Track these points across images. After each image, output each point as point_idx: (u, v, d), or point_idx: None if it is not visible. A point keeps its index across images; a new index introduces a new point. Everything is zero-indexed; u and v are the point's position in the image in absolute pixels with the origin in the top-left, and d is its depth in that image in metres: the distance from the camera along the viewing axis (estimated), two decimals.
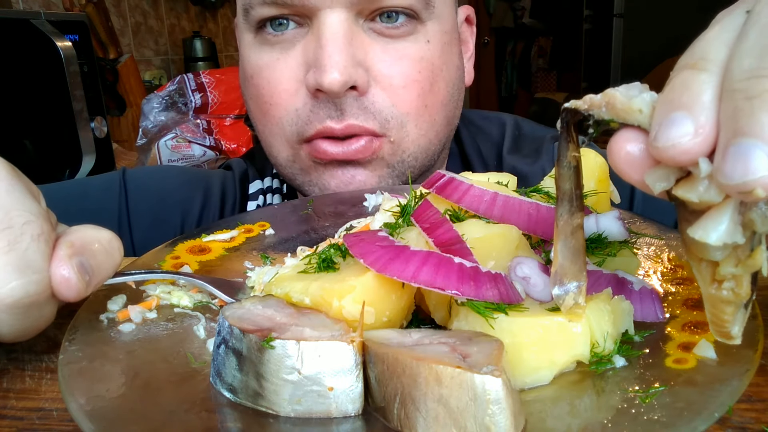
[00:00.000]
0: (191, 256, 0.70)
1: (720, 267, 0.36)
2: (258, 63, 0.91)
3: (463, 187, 0.58)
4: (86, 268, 0.50)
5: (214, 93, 3.09)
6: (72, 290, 0.48)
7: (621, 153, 0.37)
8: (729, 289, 0.37)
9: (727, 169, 0.31)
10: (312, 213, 0.81)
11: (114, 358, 0.49)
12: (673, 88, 0.35)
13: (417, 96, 0.88)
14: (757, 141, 0.30)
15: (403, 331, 0.46)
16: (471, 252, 0.50)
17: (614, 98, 0.38)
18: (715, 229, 0.34)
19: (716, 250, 0.35)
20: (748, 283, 0.37)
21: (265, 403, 0.43)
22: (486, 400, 0.37)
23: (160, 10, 3.84)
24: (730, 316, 0.39)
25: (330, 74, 0.80)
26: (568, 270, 0.44)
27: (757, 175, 0.30)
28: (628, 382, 0.43)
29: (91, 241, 0.51)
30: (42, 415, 0.48)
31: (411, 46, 0.88)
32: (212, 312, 0.59)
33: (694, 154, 0.33)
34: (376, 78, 0.86)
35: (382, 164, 0.90)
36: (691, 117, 0.33)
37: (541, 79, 7.08)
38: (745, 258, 0.35)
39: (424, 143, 0.92)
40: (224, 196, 1.11)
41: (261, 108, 0.92)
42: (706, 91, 0.33)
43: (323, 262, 0.53)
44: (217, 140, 3.02)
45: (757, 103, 0.30)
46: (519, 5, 6.94)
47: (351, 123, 0.85)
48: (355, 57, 0.84)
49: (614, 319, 0.47)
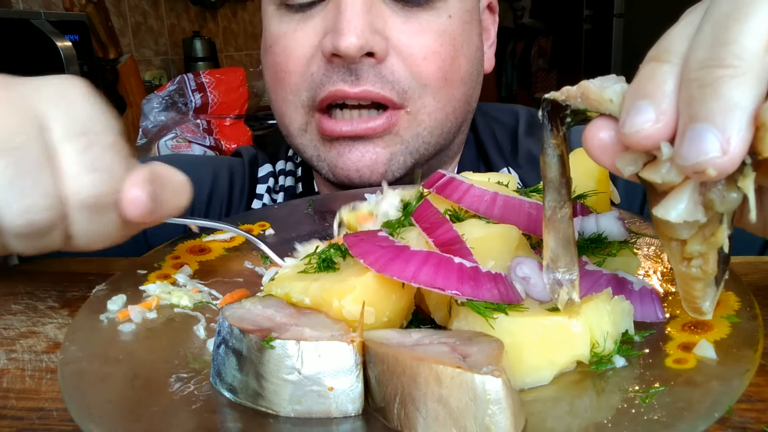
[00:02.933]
0: (191, 256, 0.70)
1: (687, 245, 0.39)
2: (277, 32, 0.91)
3: (463, 187, 0.58)
4: (155, 197, 0.53)
5: (214, 93, 3.09)
6: (138, 210, 0.52)
7: (594, 140, 0.40)
8: (697, 267, 0.40)
9: (683, 151, 0.34)
10: (312, 213, 0.81)
11: (114, 358, 0.49)
12: (640, 78, 0.37)
13: (438, 68, 0.88)
14: (708, 125, 0.33)
15: (403, 331, 0.46)
16: (471, 252, 0.50)
17: (588, 89, 0.40)
18: (675, 208, 0.37)
19: (681, 228, 0.38)
20: (714, 260, 0.39)
21: (265, 403, 0.43)
22: (486, 400, 0.37)
23: (160, 10, 3.84)
24: (700, 292, 0.41)
25: (347, 38, 0.80)
26: (559, 260, 0.45)
27: (708, 155, 0.33)
28: (628, 382, 0.42)
29: (167, 177, 0.56)
30: (42, 415, 0.48)
31: (433, 20, 0.88)
32: (212, 312, 0.59)
33: (656, 139, 0.36)
34: (396, 47, 0.86)
35: (396, 140, 0.90)
36: (654, 105, 0.36)
37: (541, 79, 7.08)
38: (710, 236, 0.38)
39: (441, 117, 0.91)
40: (232, 181, 1.12)
41: (277, 76, 0.92)
42: (667, 81, 0.36)
43: (323, 262, 0.53)
44: (217, 140, 3.02)
45: (709, 90, 0.33)
46: (519, 5, 6.94)
47: (367, 89, 0.85)
48: (374, 25, 0.84)
49: (614, 319, 0.47)
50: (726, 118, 0.33)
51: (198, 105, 3.06)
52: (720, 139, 0.33)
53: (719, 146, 0.33)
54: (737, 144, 0.33)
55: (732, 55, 0.33)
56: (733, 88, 0.33)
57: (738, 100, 0.33)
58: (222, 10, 4.21)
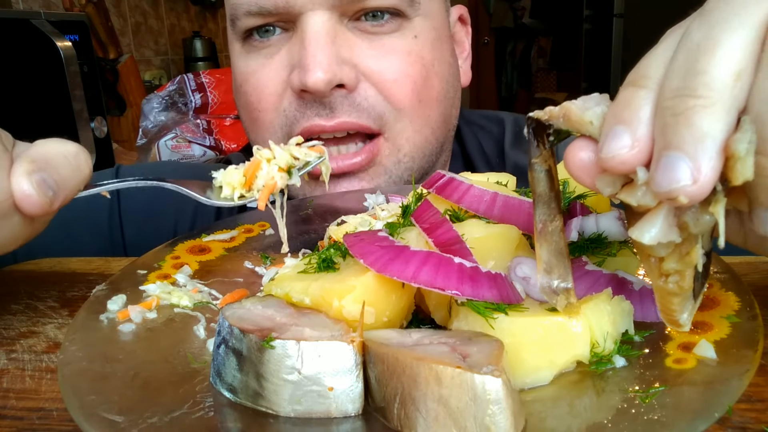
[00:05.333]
0: (191, 256, 0.70)
1: (664, 263, 0.40)
2: (245, 71, 0.91)
3: (463, 187, 0.58)
4: (49, 183, 0.49)
5: (214, 93, 3.09)
6: (34, 205, 0.48)
7: (575, 160, 0.40)
8: (674, 283, 0.41)
9: (657, 178, 0.35)
10: (312, 213, 0.81)
11: (114, 358, 0.49)
12: (618, 103, 0.38)
13: (410, 91, 0.87)
14: (680, 154, 0.34)
15: (403, 331, 0.46)
16: (471, 252, 0.50)
17: (570, 111, 0.41)
18: (649, 231, 0.38)
19: (658, 248, 0.39)
20: (690, 277, 0.40)
21: (265, 403, 0.43)
22: (486, 400, 0.37)
23: (160, 10, 3.84)
24: (678, 306, 0.42)
25: (314, 73, 0.79)
26: (553, 271, 0.46)
27: (680, 183, 0.34)
28: (628, 382, 0.43)
29: (54, 155, 0.51)
30: (42, 415, 0.48)
31: (398, 42, 0.87)
32: (212, 312, 0.59)
33: (632, 165, 0.37)
34: (366, 73, 0.85)
35: (380, 170, 0.89)
36: (630, 131, 0.37)
37: (541, 79, 7.08)
38: (685, 255, 0.39)
39: (420, 141, 0.91)
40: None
41: (251, 115, 0.91)
42: (643, 107, 0.37)
43: (323, 262, 0.53)
44: (217, 140, 3.02)
45: (681, 119, 0.34)
46: (519, 5, 6.94)
47: (343, 120, 0.84)
48: (340, 55, 0.83)
49: (614, 319, 0.47)
50: (697, 148, 0.34)
51: (198, 105, 3.06)
52: (691, 167, 0.34)
53: (690, 175, 0.34)
54: (707, 173, 0.34)
55: (703, 85, 0.34)
56: (703, 117, 0.34)
57: (708, 129, 0.34)
58: (222, 10, 4.20)
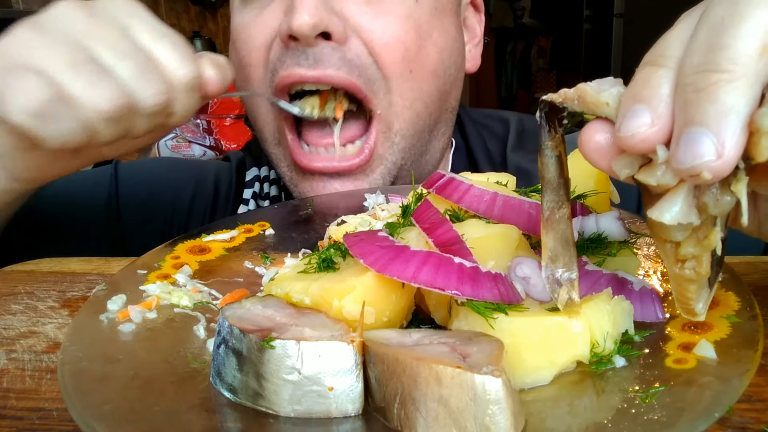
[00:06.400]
0: (191, 256, 0.70)
1: (681, 247, 0.40)
2: (240, 24, 0.89)
3: (463, 187, 0.58)
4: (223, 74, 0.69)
5: None
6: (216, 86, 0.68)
7: (591, 143, 0.40)
8: (691, 269, 0.41)
9: (679, 154, 0.34)
10: (312, 213, 0.81)
11: (114, 358, 0.49)
12: (636, 82, 0.38)
13: (400, 57, 0.83)
14: (703, 129, 0.34)
15: (403, 331, 0.46)
16: (471, 252, 0.50)
17: (585, 92, 0.41)
18: (669, 210, 0.37)
19: (676, 231, 0.39)
20: (708, 262, 0.40)
21: (265, 403, 0.43)
22: (486, 400, 0.37)
23: (160, 10, 3.84)
24: (694, 294, 0.42)
25: (300, 16, 0.77)
26: (558, 260, 0.46)
27: (703, 159, 0.33)
28: (628, 382, 0.42)
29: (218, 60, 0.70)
30: (42, 415, 0.48)
31: (397, 3, 0.83)
32: (212, 312, 0.59)
33: (652, 142, 0.36)
34: (356, 30, 0.82)
35: (376, 165, 0.86)
36: (649, 109, 0.36)
37: (541, 79, 7.08)
38: (703, 239, 0.39)
39: (411, 116, 0.87)
40: (218, 184, 1.09)
41: (242, 73, 0.89)
42: (663, 85, 0.36)
43: (323, 262, 0.53)
44: (217, 140, 3.02)
45: (704, 95, 0.34)
46: (519, 5, 6.94)
47: (329, 73, 0.81)
48: (330, 3, 0.80)
49: (614, 319, 0.47)
50: (721, 123, 0.33)
51: None
52: (715, 142, 0.33)
53: (714, 150, 0.33)
54: (732, 147, 0.33)
55: (727, 60, 0.34)
56: (728, 92, 0.33)
57: (733, 104, 0.33)
58: (222, 10, 4.21)
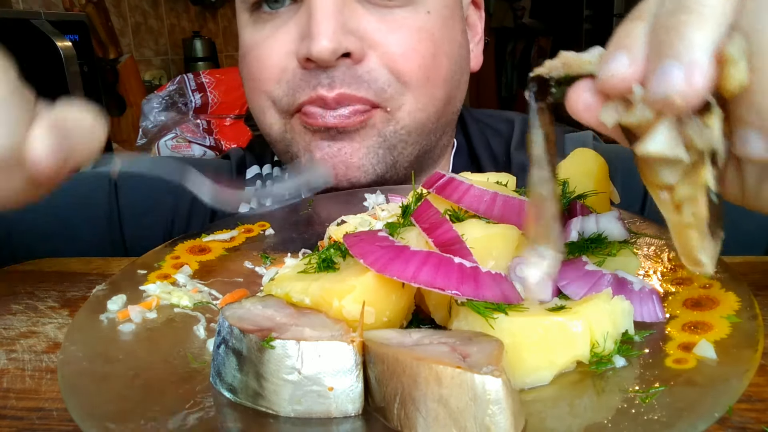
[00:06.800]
0: (191, 256, 0.70)
1: (676, 191, 0.42)
2: (251, 41, 0.91)
3: (463, 187, 0.58)
4: (62, 146, 0.48)
5: (214, 93, 3.09)
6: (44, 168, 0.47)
7: (579, 100, 0.43)
8: (689, 213, 0.42)
9: (653, 87, 0.38)
10: (312, 213, 0.81)
11: (114, 358, 0.49)
12: (616, 35, 0.42)
13: (418, 67, 0.86)
14: (674, 61, 0.37)
15: (403, 331, 0.46)
16: (471, 252, 0.50)
17: (568, 57, 0.44)
18: (653, 140, 0.39)
19: (666, 170, 0.41)
20: (704, 203, 0.41)
21: (265, 403, 0.43)
22: (486, 400, 0.37)
23: (160, 10, 3.84)
24: (697, 242, 0.43)
25: (319, 42, 0.79)
26: (541, 235, 0.47)
27: (675, 87, 0.36)
28: (628, 382, 0.42)
29: (72, 122, 0.50)
30: (42, 415, 0.48)
31: (410, 16, 0.86)
32: (212, 312, 0.59)
33: (629, 81, 0.39)
34: (373, 46, 0.84)
35: (373, 133, 0.88)
36: (627, 53, 0.40)
37: None
38: (696, 178, 0.40)
39: (421, 118, 0.90)
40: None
41: (253, 85, 0.91)
42: (640, 34, 0.40)
43: (323, 262, 0.53)
44: (217, 140, 3.02)
45: (674, 33, 0.37)
46: (519, 5, 6.93)
47: (343, 92, 0.83)
48: (347, 25, 0.82)
49: (614, 319, 0.47)
50: (690, 54, 0.36)
51: (198, 105, 3.07)
52: (685, 71, 0.36)
53: (683, 78, 0.36)
54: (700, 74, 0.36)
55: (696, 2, 0.37)
56: (696, 29, 0.36)
57: (701, 39, 0.36)
58: (222, 10, 4.21)
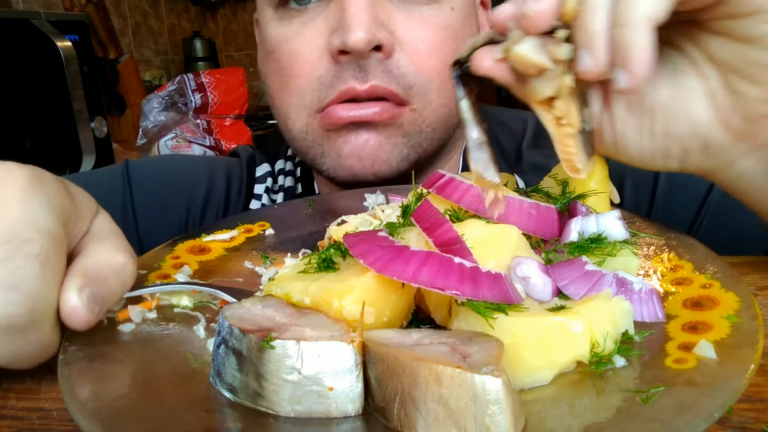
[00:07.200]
0: (191, 256, 0.70)
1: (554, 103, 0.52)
2: (278, 37, 0.91)
3: (463, 187, 0.58)
4: (97, 299, 0.49)
5: (214, 93, 3.08)
6: (80, 320, 0.48)
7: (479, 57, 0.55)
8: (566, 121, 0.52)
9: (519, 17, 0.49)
10: (312, 213, 0.81)
11: (114, 358, 0.49)
12: None
13: (441, 63, 0.88)
14: None
15: (403, 331, 0.46)
16: (471, 252, 0.50)
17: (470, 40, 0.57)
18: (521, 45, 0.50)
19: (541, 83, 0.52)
20: (576, 112, 0.52)
21: (265, 403, 0.43)
22: (486, 400, 0.37)
23: (160, 10, 3.84)
24: (575, 148, 0.53)
25: (355, 33, 0.81)
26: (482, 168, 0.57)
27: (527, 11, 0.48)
28: (628, 382, 0.42)
29: (105, 267, 0.51)
30: (42, 415, 0.48)
31: (436, 14, 0.89)
32: (212, 312, 0.59)
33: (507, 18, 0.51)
34: (401, 42, 0.87)
35: (399, 132, 0.89)
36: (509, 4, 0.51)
37: None
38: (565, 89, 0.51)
39: (445, 114, 0.92)
40: (229, 180, 1.11)
41: (282, 81, 0.92)
42: None
43: (323, 262, 0.53)
44: (217, 140, 3.02)
45: None
46: None
47: (375, 84, 0.85)
48: (379, 19, 0.84)
49: (614, 319, 0.47)
50: None
51: (198, 105, 3.06)
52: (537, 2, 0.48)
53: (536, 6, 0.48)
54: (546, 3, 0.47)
55: None
56: None
57: None
58: (222, 10, 4.21)
